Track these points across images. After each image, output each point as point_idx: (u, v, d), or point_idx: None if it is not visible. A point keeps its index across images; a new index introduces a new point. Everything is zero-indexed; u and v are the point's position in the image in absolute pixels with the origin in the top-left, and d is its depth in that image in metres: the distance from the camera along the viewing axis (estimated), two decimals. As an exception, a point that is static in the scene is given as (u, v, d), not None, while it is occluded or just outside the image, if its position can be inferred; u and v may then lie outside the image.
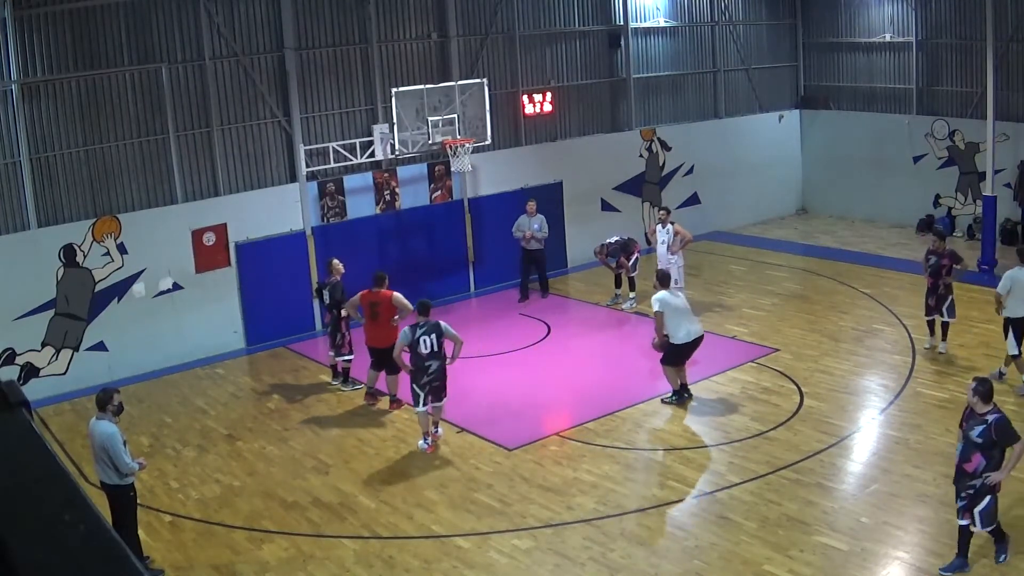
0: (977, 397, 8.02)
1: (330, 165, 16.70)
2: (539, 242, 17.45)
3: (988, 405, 8.00)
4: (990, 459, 7.97)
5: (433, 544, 9.38)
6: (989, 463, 7.97)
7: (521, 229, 17.42)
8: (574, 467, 10.86)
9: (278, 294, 16.23)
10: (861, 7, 22.20)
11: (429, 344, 11.32)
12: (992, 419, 7.94)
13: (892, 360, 13.60)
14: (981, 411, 8.00)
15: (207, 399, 13.99)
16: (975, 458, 8.00)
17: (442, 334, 11.40)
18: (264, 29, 16.02)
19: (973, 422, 8.03)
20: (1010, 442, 7.96)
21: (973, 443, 7.99)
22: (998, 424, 7.92)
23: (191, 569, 9.22)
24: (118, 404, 9.00)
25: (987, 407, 8.00)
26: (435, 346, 11.35)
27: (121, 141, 14.89)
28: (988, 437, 7.92)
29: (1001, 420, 7.96)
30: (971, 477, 8.04)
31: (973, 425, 8.01)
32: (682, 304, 12.38)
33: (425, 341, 11.31)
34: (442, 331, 11.41)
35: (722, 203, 22.06)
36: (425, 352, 11.32)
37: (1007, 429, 7.95)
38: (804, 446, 10.92)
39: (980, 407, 8.01)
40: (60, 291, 14.33)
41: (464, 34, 18.18)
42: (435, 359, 11.38)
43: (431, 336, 11.32)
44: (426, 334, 11.31)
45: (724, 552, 8.85)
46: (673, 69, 21.55)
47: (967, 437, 8.05)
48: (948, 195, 20.89)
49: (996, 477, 7.97)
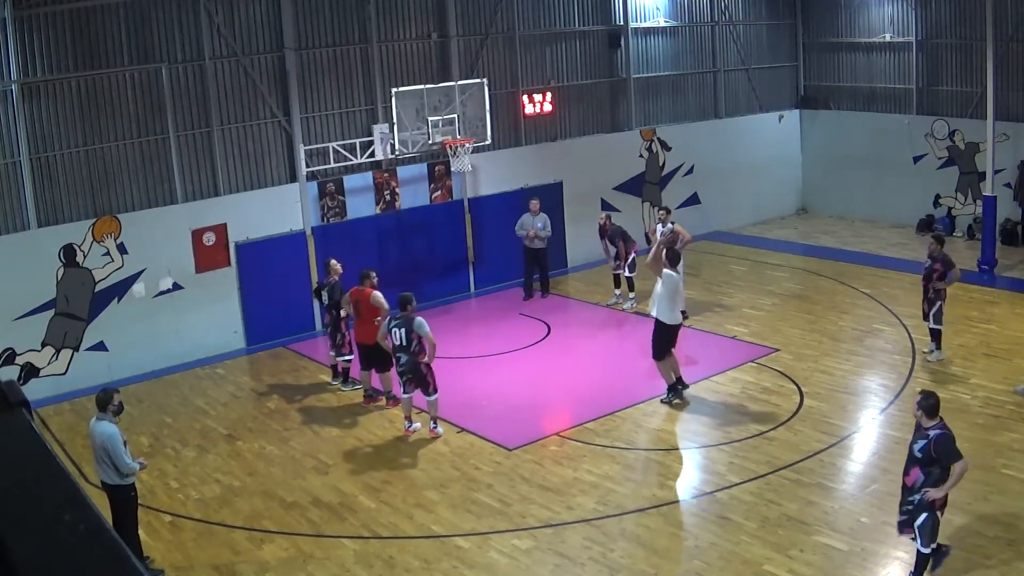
0: (921, 411, 7.84)
1: (330, 165, 16.70)
2: (542, 241, 17.49)
3: (933, 420, 7.82)
4: (929, 475, 7.76)
5: (433, 544, 9.38)
6: (928, 479, 7.76)
7: (525, 227, 17.45)
8: (574, 467, 10.86)
9: (278, 294, 16.23)
10: (861, 7, 22.20)
11: (399, 337, 11.64)
12: (934, 435, 7.74)
13: (892, 360, 13.60)
14: (925, 425, 7.81)
15: (207, 399, 13.99)
16: (914, 472, 7.83)
17: (412, 330, 11.57)
18: (264, 29, 16.02)
19: (917, 435, 7.87)
20: (951, 460, 7.72)
21: (914, 457, 7.83)
22: (939, 440, 7.71)
23: (191, 569, 9.22)
24: (118, 404, 9.01)
25: (932, 422, 7.81)
26: (403, 340, 11.60)
27: (121, 141, 14.89)
28: (927, 453, 7.72)
29: (942, 437, 7.74)
30: (910, 491, 7.87)
31: (917, 439, 7.85)
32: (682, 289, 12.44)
33: (396, 333, 11.66)
34: (413, 327, 11.58)
35: (722, 203, 22.06)
36: (396, 344, 11.69)
37: (948, 447, 7.72)
38: (804, 446, 10.92)
39: (924, 421, 7.83)
40: (60, 291, 14.34)
41: (464, 34, 18.18)
42: (403, 352, 11.66)
43: (401, 330, 11.62)
44: (397, 327, 11.65)
45: (724, 552, 8.85)
46: (673, 69, 21.55)
47: (910, 450, 7.91)
48: (948, 195, 20.89)
49: (933, 494, 7.74)
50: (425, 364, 11.70)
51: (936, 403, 7.87)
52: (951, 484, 7.79)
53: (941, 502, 7.87)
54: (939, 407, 7.89)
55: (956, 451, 7.75)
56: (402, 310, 11.70)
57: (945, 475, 7.74)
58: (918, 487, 7.80)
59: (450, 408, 12.36)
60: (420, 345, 11.66)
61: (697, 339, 14.68)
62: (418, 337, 11.62)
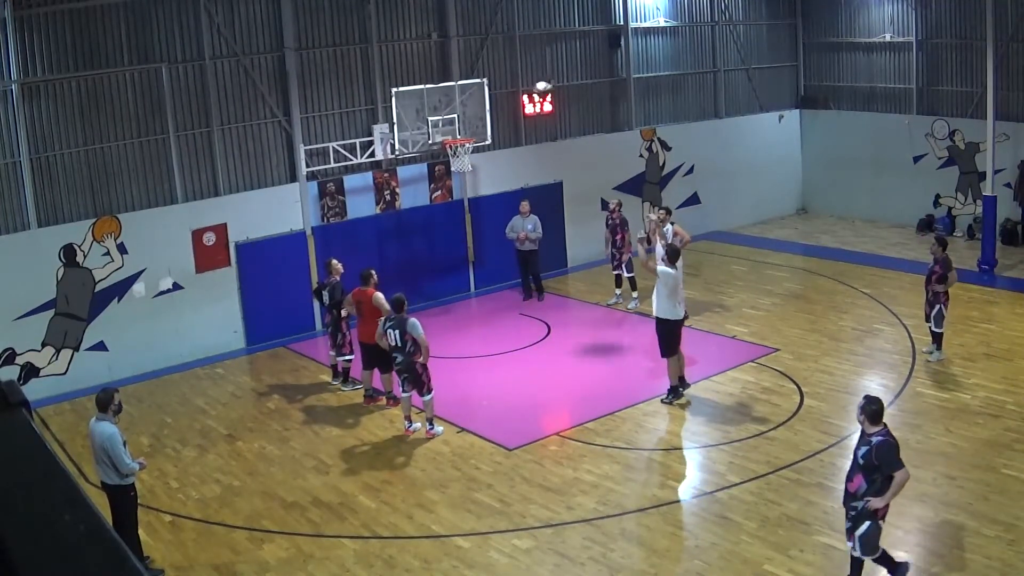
0: (864, 417, 7.66)
1: (330, 165, 16.70)
2: (533, 243, 17.39)
3: (876, 426, 7.61)
4: (871, 483, 7.54)
5: (433, 544, 9.38)
6: (870, 487, 7.55)
7: (515, 230, 17.35)
8: (574, 467, 10.86)
9: (278, 294, 16.22)
10: (861, 7, 22.20)
11: (393, 338, 11.74)
12: (876, 441, 7.53)
13: (892, 360, 13.60)
14: (868, 431, 7.62)
15: (207, 399, 13.99)
16: (856, 479, 7.63)
17: (406, 331, 11.62)
18: (264, 29, 16.02)
19: (861, 441, 7.68)
20: (892, 468, 7.51)
21: (857, 463, 7.64)
22: (880, 447, 7.50)
23: (191, 569, 9.22)
24: (118, 404, 9.00)
25: (875, 428, 7.60)
26: (398, 340, 11.69)
27: (121, 141, 14.89)
28: (869, 459, 7.51)
29: (884, 444, 7.52)
30: (853, 498, 7.68)
31: (860, 444, 7.67)
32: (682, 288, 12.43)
33: (391, 334, 11.75)
34: (406, 328, 11.63)
35: (722, 203, 22.06)
36: (391, 344, 11.79)
37: (889, 455, 7.51)
38: (804, 446, 10.92)
39: (867, 427, 7.64)
40: (60, 291, 14.34)
41: (464, 34, 18.18)
42: (399, 353, 11.76)
43: (395, 331, 11.70)
44: (392, 328, 11.74)
45: (724, 552, 8.85)
46: (673, 69, 21.55)
47: (854, 456, 7.74)
48: (948, 195, 20.89)
49: (875, 503, 7.55)
50: (420, 364, 11.73)
51: (879, 409, 7.66)
52: (892, 493, 7.58)
53: (884, 511, 7.67)
54: (883, 413, 7.68)
55: (898, 459, 7.54)
56: (396, 311, 11.76)
57: (888, 484, 7.53)
58: (860, 494, 7.60)
59: (450, 408, 12.36)
60: (415, 346, 11.69)
61: (697, 339, 14.67)
62: (412, 338, 11.66)
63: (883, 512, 7.68)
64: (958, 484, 9.74)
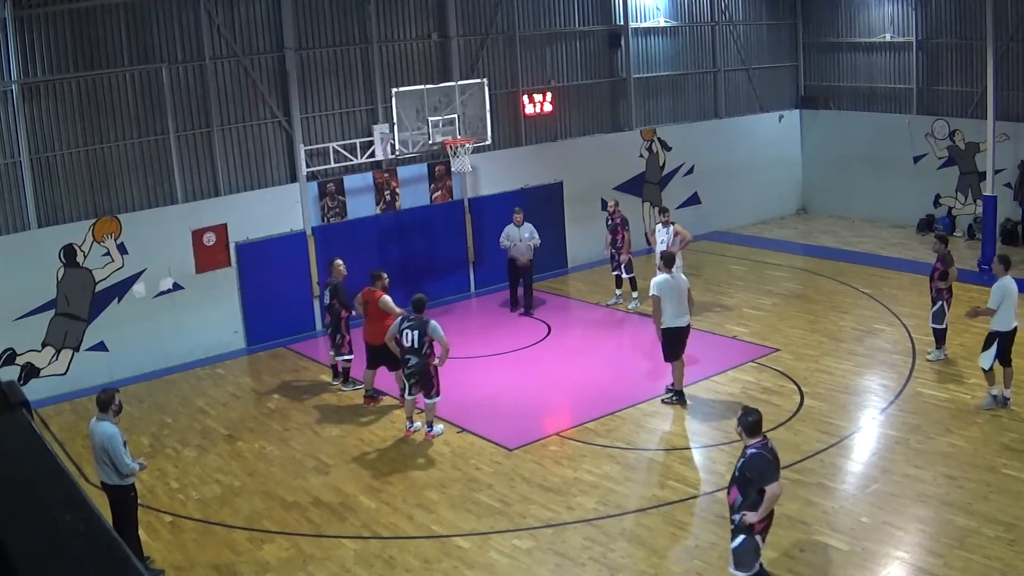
0: (741, 428, 7.45)
1: (330, 165, 16.70)
2: (529, 250, 16.80)
3: (753, 438, 7.38)
4: (746, 496, 7.29)
5: (433, 544, 9.38)
6: (745, 500, 7.30)
7: (511, 239, 16.81)
8: (574, 467, 10.86)
9: (278, 294, 16.23)
10: (861, 7, 22.20)
11: (410, 339, 11.55)
12: (749, 453, 7.32)
13: (892, 360, 13.60)
14: (746, 443, 7.41)
15: (207, 399, 13.99)
16: (733, 491, 7.43)
17: (425, 332, 11.49)
18: (264, 29, 16.02)
19: (740, 453, 7.49)
20: (764, 482, 7.23)
21: (734, 475, 7.43)
22: (752, 460, 7.29)
23: (191, 569, 9.22)
24: (118, 404, 9.00)
25: (752, 439, 7.38)
26: (415, 342, 11.52)
27: (121, 141, 14.89)
28: (743, 472, 7.31)
29: (756, 457, 7.29)
30: (732, 510, 7.45)
31: (739, 457, 7.47)
32: (683, 284, 12.21)
33: (408, 335, 11.56)
34: (427, 330, 11.50)
35: (722, 203, 22.06)
36: (406, 345, 11.60)
37: (761, 468, 7.26)
38: (804, 446, 10.92)
39: (745, 439, 7.44)
40: (60, 291, 14.34)
41: (464, 34, 18.18)
42: (414, 355, 11.56)
43: (414, 332, 11.53)
44: (410, 329, 11.55)
45: (724, 552, 8.81)
46: (673, 69, 21.55)
47: (734, 468, 7.51)
48: (948, 195, 20.89)
49: (750, 518, 7.27)
50: (434, 367, 11.66)
51: (757, 420, 7.41)
52: (764, 508, 7.28)
53: (760, 526, 7.37)
54: (761, 425, 7.45)
55: (770, 472, 7.30)
56: (416, 312, 11.60)
57: (762, 497, 7.26)
58: (736, 507, 7.37)
59: (450, 408, 12.35)
60: (431, 348, 11.60)
61: (697, 339, 14.60)
62: (430, 340, 11.54)
63: (760, 527, 7.39)
64: (958, 484, 9.74)
